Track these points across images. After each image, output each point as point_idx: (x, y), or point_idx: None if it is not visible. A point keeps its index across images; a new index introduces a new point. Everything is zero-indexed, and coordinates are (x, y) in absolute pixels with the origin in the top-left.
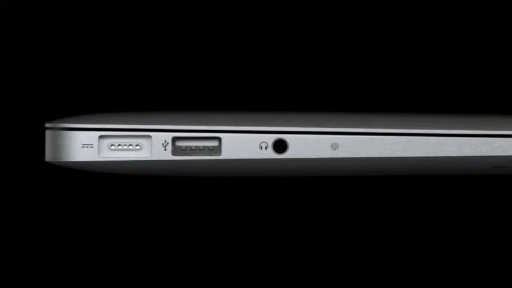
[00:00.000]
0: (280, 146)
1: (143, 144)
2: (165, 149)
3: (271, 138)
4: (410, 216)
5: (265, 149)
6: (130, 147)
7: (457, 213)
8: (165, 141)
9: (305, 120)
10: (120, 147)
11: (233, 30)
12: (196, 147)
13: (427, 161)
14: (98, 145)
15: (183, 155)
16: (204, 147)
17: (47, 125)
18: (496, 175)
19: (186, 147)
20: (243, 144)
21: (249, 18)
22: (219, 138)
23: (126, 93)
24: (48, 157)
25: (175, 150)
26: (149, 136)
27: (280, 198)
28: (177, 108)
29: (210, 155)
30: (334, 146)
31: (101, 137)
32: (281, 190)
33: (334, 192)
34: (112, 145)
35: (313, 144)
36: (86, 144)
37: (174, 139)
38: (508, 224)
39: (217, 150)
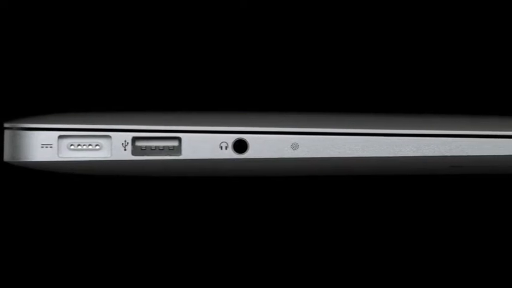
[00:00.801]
0: (240, 146)
1: (103, 144)
2: (125, 149)
3: (232, 138)
4: (395, 216)
5: (226, 149)
6: (90, 147)
7: (440, 212)
8: (125, 141)
9: (265, 120)
10: (79, 147)
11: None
12: (156, 147)
13: (386, 161)
14: (57, 145)
15: (143, 155)
16: (164, 147)
17: (6, 125)
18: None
19: (146, 147)
20: (203, 144)
21: (249, 18)
22: (179, 138)
23: (86, 93)
24: (7, 157)
25: (135, 150)
26: (109, 136)
27: (257, 198)
28: (137, 108)
29: (170, 155)
30: (294, 146)
31: (60, 137)
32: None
33: (314, 191)
34: (71, 145)
35: (273, 144)
36: (45, 144)
37: (134, 139)
38: (499, 223)
39: (177, 150)
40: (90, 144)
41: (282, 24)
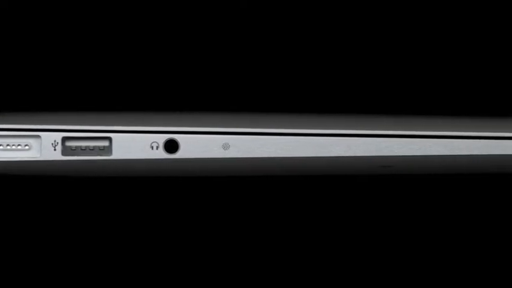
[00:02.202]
0: (171, 146)
1: (32, 144)
2: (55, 149)
3: (163, 138)
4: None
5: (157, 149)
6: (19, 147)
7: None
8: (55, 141)
9: (196, 120)
10: (8, 147)
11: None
12: (86, 147)
13: (317, 161)
14: None
15: (73, 155)
16: (94, 147)
17: None
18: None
19: (76, 147)
20: (134, 144)
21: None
22: (109, 138)
23: (15, 92)
24: None
25: (65, 150)
26: (38, 136)
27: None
28: (67, 107)
29: (101, 155)
30: (225, 146)
31: None
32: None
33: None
34: (0, 145)
35: (204, 144)
36: None
37: (64, 139)
38: (486, 223)
39: (108, 150)
40: (19, 145)
41: (281, 24)
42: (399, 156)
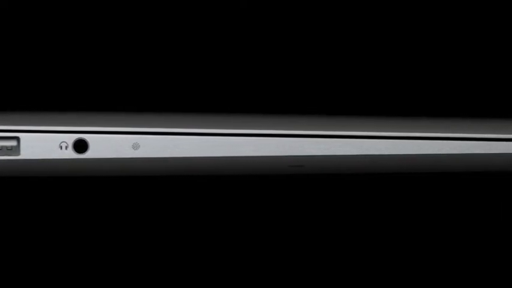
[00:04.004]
0: (80, 145)
1: None
2: None
3: (72, 138)
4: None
5: (66, 148)
6: None
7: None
8: None
9: (106, 120)
10: None
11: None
12: None
13: (227, 161)
14: None
15: None
16: (2, 147)
17: None
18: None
19: None
20: (43, 144)
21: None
22: (17, 138)
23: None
24: None
25: None
26: None
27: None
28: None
29: (9, 155)
30: (135, 146)
31: None
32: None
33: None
34: None
35: (114, 144)
36: None
37: None
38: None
39: (16, 150)
40: None
41: (279, 24)
42: (309, 156)
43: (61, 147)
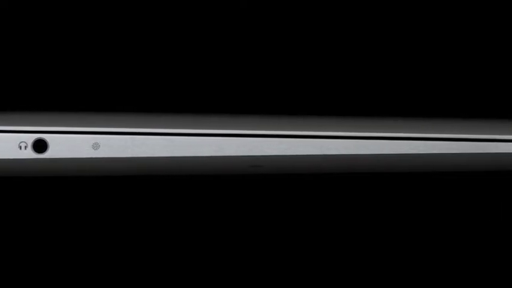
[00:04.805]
0: (40, 145)
1: None
2: None
3: (31, 138)
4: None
5: (25, 148)
6: None
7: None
8: None
9: (66, 120)
10: None
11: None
12: None
13: (188, 161)
14: None
15: None
16: None
17: None
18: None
19: None
20: (2, 144)
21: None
22: None
23: None
24: None
25: None
26: None
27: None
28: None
29: None
30: (95, 146)
31: None
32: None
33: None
34: None
35: (74, 144)
36: None
37: None
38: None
39: None
40: None
41: (279, 24)
42: (268, 156)
43: (20, 147)
